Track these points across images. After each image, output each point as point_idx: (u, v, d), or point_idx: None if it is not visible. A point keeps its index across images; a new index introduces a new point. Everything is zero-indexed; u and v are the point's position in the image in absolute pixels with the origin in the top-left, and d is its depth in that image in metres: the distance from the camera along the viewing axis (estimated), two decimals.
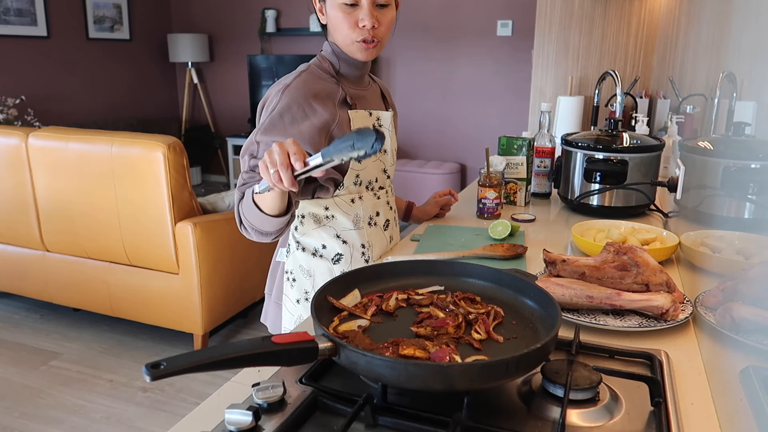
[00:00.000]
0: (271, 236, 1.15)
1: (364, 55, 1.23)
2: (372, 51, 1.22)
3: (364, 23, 1.17)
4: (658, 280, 0.97)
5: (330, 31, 1.25)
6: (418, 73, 5.32)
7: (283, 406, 0.70)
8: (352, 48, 1.22)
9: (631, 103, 2.97)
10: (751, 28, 1.54)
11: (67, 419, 2.28)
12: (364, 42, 1.20)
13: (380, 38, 1.21)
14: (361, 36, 1.19)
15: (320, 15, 1.26)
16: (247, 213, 1.12)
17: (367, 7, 1.16)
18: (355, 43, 1.20)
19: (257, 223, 1.12)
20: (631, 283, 0.97)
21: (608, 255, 1.02)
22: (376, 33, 1.20)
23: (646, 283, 0.97)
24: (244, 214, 1.13)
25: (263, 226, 1.12)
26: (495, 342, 0.77)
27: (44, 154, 2.69)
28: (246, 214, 1.13)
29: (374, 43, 1.21)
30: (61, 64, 5.14)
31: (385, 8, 1.20)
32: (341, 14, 1.18)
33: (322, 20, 1.26)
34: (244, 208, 1.13)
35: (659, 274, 0.98)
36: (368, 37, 1.19)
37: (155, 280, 2.67)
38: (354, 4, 1.17)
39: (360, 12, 1.17)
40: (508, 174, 1.81)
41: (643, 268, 0.98)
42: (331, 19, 1.22)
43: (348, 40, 1.21)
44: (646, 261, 0.99)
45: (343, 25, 1.19)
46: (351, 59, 1.26)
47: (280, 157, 0.88)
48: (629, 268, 0.99)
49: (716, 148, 1.34)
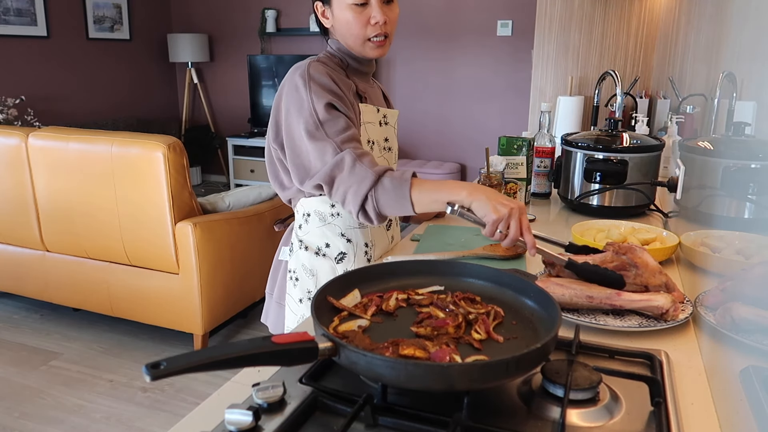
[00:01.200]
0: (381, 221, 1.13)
1: (377, 52, 1.26)
2: (384, 47, 1.26)
3: (377, 19, 1.20)
4: (657, 282, 0.95)
5: (338, 32, 1.26)
6: (418, 73, 5.32)
7: (283, 406, 0.70)
8: (366, 47, 1.24)
9: (631, 103, 2.97)
10: (750, 28, 1.54)
11: (67, 419, 2.28)
12: (376, 38, 1.23)
13: (390, 33, 1.25)
14: (374, 32, 1.22)
15: (323, 18, 1.27)
16: (389, 200, 1.08)
17: (376, 5, 1.20)
18: (367, 42, 1.23)
19: (396, 211, 1.10)
20: (630, 284, 0.95)
21: (607, 255, 0.99)
22: (386, 29, 1.23)
23: (645, 284, 0.95)
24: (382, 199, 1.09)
25: (397, 213, 1.10)
26: (495, 342, 0.77)
27: (44, 154, 2.69)
28: (387, 199, 1.09)
29: (385, 39, 1.25)
30: (61, 64, 5.14)
31: (391, 4, 1.24)
32: (352, 14, 1.20)
33: (326, 23, 1.27)
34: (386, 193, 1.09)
35: (658, 276, 0.96)
36: (381, 33, 1.23)
37: (155, 280, 2.67)
38: (364, 3, 1.20)
39: (371, 10, 1.20)
40: (508, 174, 1.81)
41: (642, 269, 0.96)
42: (340, 21, 1.23)
43: (360, 39, 1.23)
44: (645, 262, 0.97)
45: (354, 25, 1.21)
46: (360, 57, 1.28)
47: (515, 229, 0.97)
48: (628, 269, 0.96)
49: (716, 148, 1.34)
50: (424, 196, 1.06)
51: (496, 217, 0.97)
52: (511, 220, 0.97)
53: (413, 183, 1.07)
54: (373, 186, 1.09)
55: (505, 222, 0.97)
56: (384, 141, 1.35)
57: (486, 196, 0.99)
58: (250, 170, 5.90)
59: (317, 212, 1.29)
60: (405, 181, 1.07)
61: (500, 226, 0.97)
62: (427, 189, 1.07)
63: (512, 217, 0.97)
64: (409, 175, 1.08)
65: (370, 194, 1.09)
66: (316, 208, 1.29)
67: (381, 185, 1.09)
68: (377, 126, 1.31)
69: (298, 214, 1.33)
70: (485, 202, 0.99)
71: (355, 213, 1.12)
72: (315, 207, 1.29)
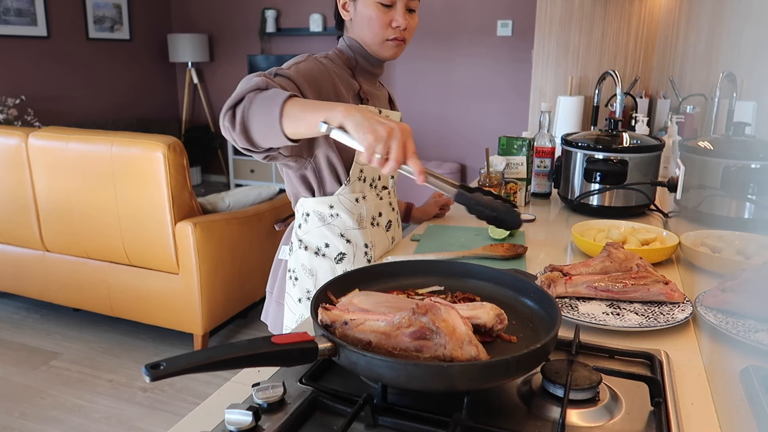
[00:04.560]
0: (253, 147, 1.03)
1: (392, 52, 1.28)
2: (399, 49, 1.29)
3: (398, 23, 1.24)
4: (466, 356, 0.66)
5: (356, 27, 1.27)
6: (418, 73, 5.32)
7: (283, 406, 0.70)
8: (383, 46, 1.27)
9: (631, 103, 2.97)
10: (750, 28, 1.54)
11: (67, 419, 2.28)
12: (395, 40, 1.26)
13: (407, 39, 1.28)
14: (393, 35, 1.25)
15: (343, 11, 1.29)
16: (260, 107, 0.97)
17: (401, 10, 1.24)
18: (386, 41, 1.26)
19: (261, 125, 0.98)
20: (431, 357, 0.67)
21: (404, 317, 0.69)
22: (404, 34, 1.27)
23: (450, 357, 0.66)
24: (254, 105, 0.98)
25: (264, 130, 0.98)
26: (494, 342, 0.77)
27: (44, 154, 2.69)
28: (259, 106, 0.98)
29: (402, 42, 1.28)
30: (61, 64, 5.14)
31: (413, 13, 1.28)
32: (376, 12, 1.23)
33: (345, 16, 1.29)
34: (261, 99, 0.98)
35: (467, 347, 0.67)
36: (399, 36, 1.26)
37: (155, 280, 2.67)
38: (390, 5, 1.23)
39: (394, 13, 1.24)
40: (508, 174, 1.81)
41: (447, 337, 0.67)
42: (362, 16, 1.25)
43: (379, 38, 1.25)
44: (451, 327, 0.68)
45: (375, 24, 1.24)
46: (372, 57, 1.30)
47: (397, 151, 0.83)
48: (428, 336, 0.68)
49: (716, 148, 1.34)
50: (296, 109, 0.93)
51: (372, 138, 0.83)
52: (391, 142, 0.83)
53: (292, 97, 0.95)
54: (257, 89, 1.00)
55: (385, 144, 0.83)
56: None
57: (363, 116, 0.86)
58: (250, 170, 5.90)
59: (317, 212, 1.29)
60: (285, 94, 0.95)
61: (378, 148, 0.83)
62: (302, 104, 0.94)
63: (393, 137, 0.83)
64: (292, 93, 0.97)
65: (249, 95, 1.00)
66: (316, 208, 1.29)
67: (264, 92, 0.99)
68: None
69: (297, 214, 1.33)
70: (361, 121, 0.85)
71: (224, 112, 1.01)
72: (314, 207, 1.29)
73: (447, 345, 0.67)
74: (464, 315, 0.72)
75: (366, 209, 1.31)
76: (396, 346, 0.69)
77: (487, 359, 0.66)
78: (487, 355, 0.67)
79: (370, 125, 0.84)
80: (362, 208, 1.30)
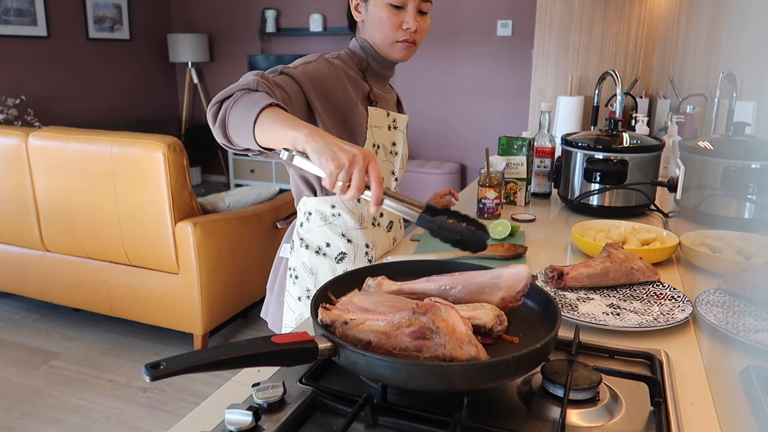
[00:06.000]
0: (230, 144, 1.01)
1: (402, 54, 1.28)
2: (410, 51, 1.28)
3: (408, 25, 1.23)
4: (465, 355, 0.67)
5: (367, 28, 1.27)
6: (418, 73, 5.32)
7: (283, 406, 0.70)
8: (393, 48, 1.27)
9: (631, 103, 2.97)
10: (750, 28, 1.54)
11: (67, 419, 2.28)
12: (405, 42, 1.25)
13: (418, 42, 1.27)
14: (404, 37, 1.25)
15: (355, 12, 1.29)
16: (240, 108, 0.96)
17: (412, 12, 1.23)
18: (396, 43, 1.26)
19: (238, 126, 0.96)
20: (431, 357, 0.68)
21: (403, 318, 0.69)
22: (415, 36, 1.26)
23: (450, 357, 0.67)
24: (237, 105, 0.97)
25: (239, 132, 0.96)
26: (493, 342, 0.77)
27: (44, 154, 2.69)
28: (240, 107, 0.97)
29: (413, 44, 1.27)
30: (61, 64, 5.14)
31: (425, 15, 1.27)
32: (386, 14, 1.23)
33: (357, 18, 1.29)
34: (244, 101, 0.97)
35: (467, 347, 0.68)
36: (410, 38, 1.25)
37: (155, 280, 2.67)
38: (401, 6, 1.22)
39: (405, 15, 1.23)
40: (508, 174, 1.81)
41: (447, 337, 0.67)
42: (373, 18, 1.25)
43: (389, 39, 1.25)
44: (451, 326, 0.68)
45: (386, 25, 1.23)
46: (383, 59, 1.30)
47: (358, 178, 0.81)
48: (428, 336, 0.68)
49: (716, 148, 1.34)
50: (269, 120, 0.91)
51: (334, 165, 0.80)
52: (353, 169, 0.80)
53: (273, 106, 0.94)
54: (246, 89, 1.00)
55: (347, 172, 0.80)
56: (391, 145, 1.35)
57: (325, 142, 0.83)
58: (250, 170, 5.90)
59: (318, 211, 1.29)
60: (266, 101, 0.94)
61: (340, 176, 0.81)
62: (276, 117, 0.92)
63: (354, 164, 0.81)
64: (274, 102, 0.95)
65: (237, 93, 0.99)
66: (318, 207, 1.29)
67: (251, 93, 0.98)
68: (385, 130, 1.32)
69: (299, 212, 1.33)
70: (322, 148, 0.82)
71: (211, 105, 1.01)
72: (316, 206, 1.29)
73: (447, 345, 0.67)
74: (464, 315, 0.72)
75: (367, 209, 1.31)
76: (396, 345, 0.69)
77: (487, 359, 0.66)
78: (487, 355, 0.67)
79: (332, 152, 0.82)
80: (364, 208, 1.30)
